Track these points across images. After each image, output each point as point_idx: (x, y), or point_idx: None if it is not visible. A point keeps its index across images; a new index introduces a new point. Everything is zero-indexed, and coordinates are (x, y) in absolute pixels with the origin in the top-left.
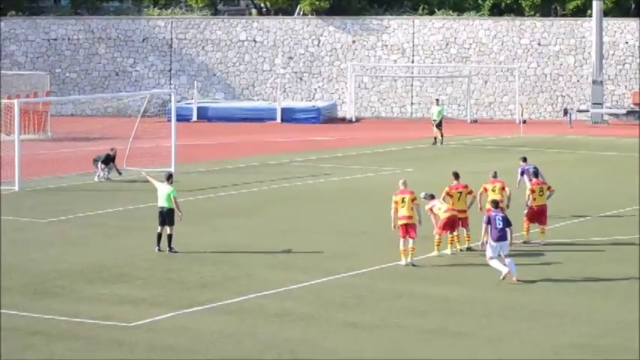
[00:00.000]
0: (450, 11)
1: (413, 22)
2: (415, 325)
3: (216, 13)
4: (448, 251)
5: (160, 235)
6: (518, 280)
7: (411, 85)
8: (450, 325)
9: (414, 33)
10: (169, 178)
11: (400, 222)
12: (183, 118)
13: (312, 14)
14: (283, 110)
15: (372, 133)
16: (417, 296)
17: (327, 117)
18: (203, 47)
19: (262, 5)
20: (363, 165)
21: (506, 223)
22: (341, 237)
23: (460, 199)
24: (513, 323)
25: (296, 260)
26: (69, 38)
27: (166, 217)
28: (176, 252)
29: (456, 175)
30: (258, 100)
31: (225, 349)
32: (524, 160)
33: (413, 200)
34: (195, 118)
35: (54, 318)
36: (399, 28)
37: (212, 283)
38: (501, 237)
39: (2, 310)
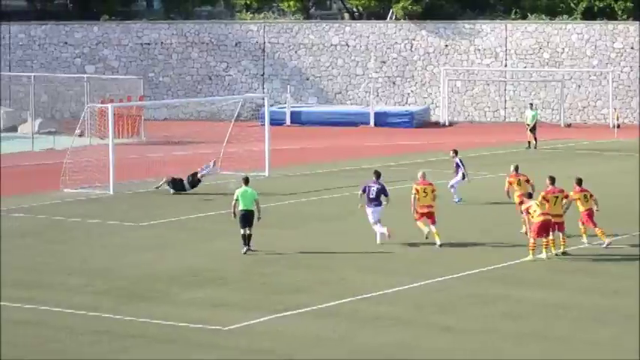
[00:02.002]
0: (543, 15)
1: (505, 26)
2: (510, 330)
3: (308, 17)
4: (543, 255)
5: (244, 237)
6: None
7: (504, 90)
8: (546, 330)
9: (506, 37)
10: (247, 181)
11: (422, 210)
12: (276, 122)
13: (404, 18)
14: (376, 114)
15: (466, 138)
16: (512, 300)
17: (420, 121)
18: (296, 51)
19: (355, 9)
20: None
21: (381, 192)
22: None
23: (556, 203)
24: (609, 327)
25: (391, 264)
26: (162, 43)
27: (250, 218)
28: (254, 251)
29: (552, 180)
30: (351, 104)
31: (320, 353)
32: (456, 152)
33: (433, 191)
34: (288, 122)
35: (148, 321)
36: (491, 32)
37: (306, 287)
38: (376, 204)
39: (97, 314)
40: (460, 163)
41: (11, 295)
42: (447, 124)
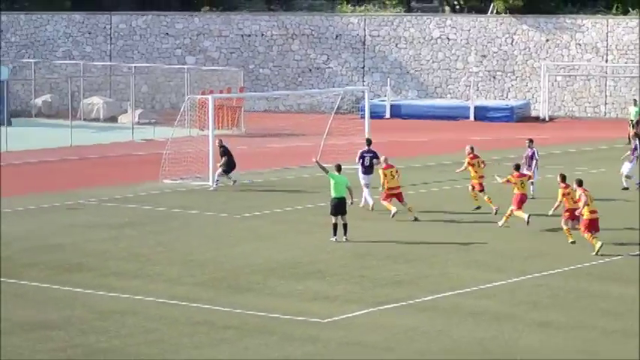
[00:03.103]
0: None
1: (607, 21)
2: (609, 326)
3: (409, 10)
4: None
5: (335, 226)
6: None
7: (605, 85)
8: None
9: (607, 32)
10: (340, 168)
11: (392, 192)
12: (376, 115)
13: (505, 12)
14: (476, 108)
15: (566, 133)
16: (611, 297)
17: (520, 116)
18: (396, 44)
19: (455, 3)
20: (556, 164)
21: (374, 158)
22: (535, 236)
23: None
24: None
25: (490, 259)
26: (262, 34)
27: (343, 206)
28: (349, 241)
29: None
30: (450, 98)
31: (419, 346)
32: (531, 141)
33: (397, 172)
34: (388, 115)
35: (246, 313)
36: (592, 27)
37: (406, 281)
38: (368, 172)
39: (196, 304)
40: (536, 154)
41: (113, 285)
42: (547, 119)
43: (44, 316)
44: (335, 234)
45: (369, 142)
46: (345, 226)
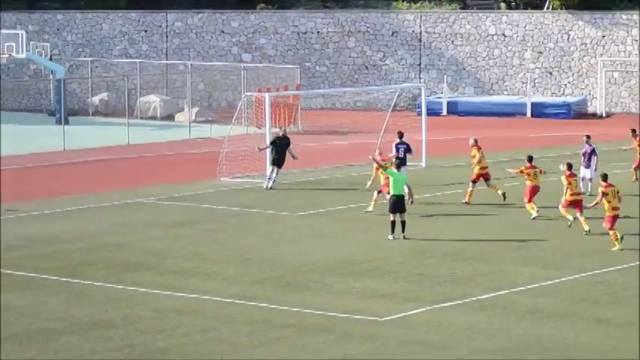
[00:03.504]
0: None
1: None
2: None
3: (465, 6)
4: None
5: (393, 223)
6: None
7: None
8: None
9: None
10: (400, 165)
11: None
12: (433, 112)
13: (561, 8)
14: (533, 105)
15: (623, 129)
16: None
17: (577, 112)
18: (452, 41)
19: None
20: (613, 161)
21: (407, 151)
22: (591, 233)
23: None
24: None
25: (547, 256)
26: (318, 32)
27: (401, 204)
28: (405, 238)
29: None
30: (507, 94)
31: (477, 344)
32: (589, 137)
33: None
34: (445, 112)
35: (304, 311)
36: None
37: (464, 279)
38: (403, 163)
39: (254, 303)
40: (596, 150)
41: (170, 284)
42: (604, 115)
43: (102, 315)
44: (393, 232)
45: (400, 134)
46: (403, 223)
